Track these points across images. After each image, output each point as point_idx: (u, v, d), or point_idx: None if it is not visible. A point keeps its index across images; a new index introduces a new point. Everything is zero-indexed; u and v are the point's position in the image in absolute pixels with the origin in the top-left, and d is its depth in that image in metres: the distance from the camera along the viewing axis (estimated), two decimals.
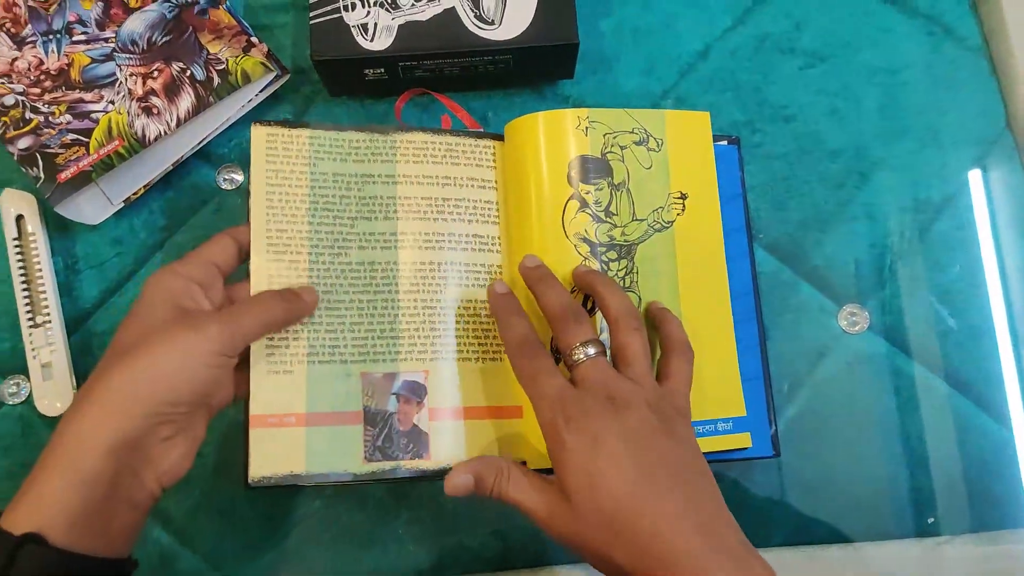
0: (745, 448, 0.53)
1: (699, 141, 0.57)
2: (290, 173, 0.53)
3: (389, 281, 0.53)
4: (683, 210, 0.55)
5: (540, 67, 0.60)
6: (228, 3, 0.61)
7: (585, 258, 0.52)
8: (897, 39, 0.65)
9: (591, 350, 0.47)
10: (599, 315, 0.52)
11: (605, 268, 0.53)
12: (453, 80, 0.61)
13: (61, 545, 0.40)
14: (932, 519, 0.57)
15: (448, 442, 0.51)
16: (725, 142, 0.58)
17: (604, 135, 0.54)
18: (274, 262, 0.52)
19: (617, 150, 0.55)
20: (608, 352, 0.49)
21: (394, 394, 0.52)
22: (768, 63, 0.64)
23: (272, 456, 0.50)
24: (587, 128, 0.54)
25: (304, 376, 0.51)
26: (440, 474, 0.50)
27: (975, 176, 0.62)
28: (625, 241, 0.54)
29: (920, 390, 0.59)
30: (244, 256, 0.51)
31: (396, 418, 0.51)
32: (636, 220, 0.54)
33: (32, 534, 0.39)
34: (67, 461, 0.41)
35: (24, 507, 0.40)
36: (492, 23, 0.57)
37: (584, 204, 0.53)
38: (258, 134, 0.53)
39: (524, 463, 0.51)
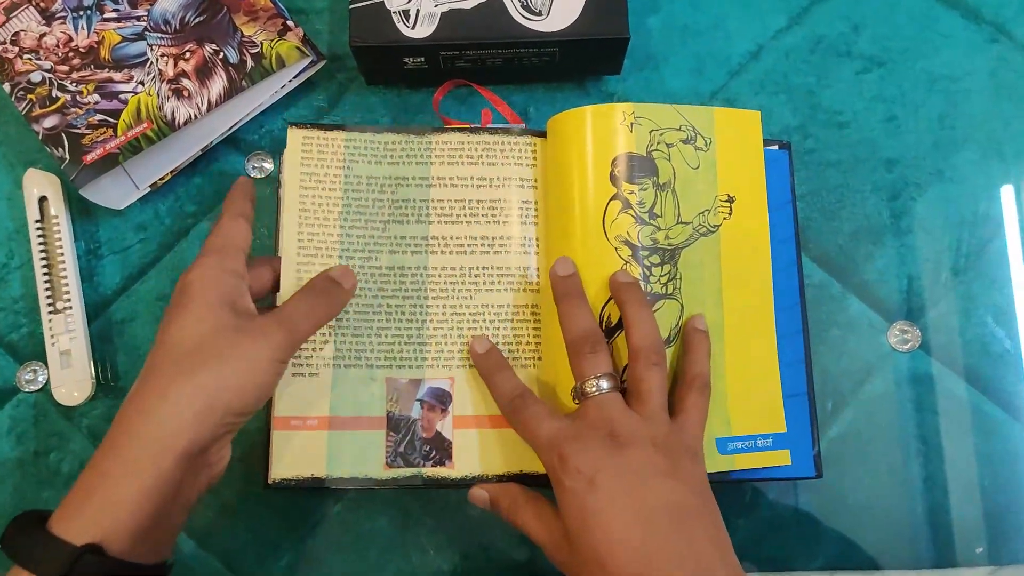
0: (785, 466, 0.51)
1: (749, 142, 0.54)
2: (324, 176, 0.52)
3: (418, 286, 0.51)
4: (730, 214, 0.53)
5: (587, 61, 0.58)
6: None
7: (626, 262, 0.50)
8: (959, 46, 0.62)
9: (604, 384, 0.45)
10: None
11: (647, 273, 0.50)
12: (494, 72, 0.58)
13: (119, 554, 0.39)
14: (980, 549, 0.54)
15: (471, 451, 0.50)
16: (776, 147, 0.56)
17: (650, 132, 0.52)
18: (304, 266, 0.51)
19: (663, 148, 0.52)
20: (622, 384, 0.47)
21: (419, 400, 0.50)
22: (823, 66, 0.62)
23: (293, 458, 0.49)
24: (632, 124, 0.52)
25: (329, 379, 0.50)
26: (462, 483, 0.49)
27: None
28: (669, 245, 0.51)
29: (971, 414, 0.56)
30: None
31: (419, 424, 0.50)
32: (681, 223, 0.52)
33: (93, 545, 0.38)
34: (139, 468, 0.40)
35: (88, 514, 0.39)
36: (540, 14, 0.54)
37: (627, 205, 0.51)
38: (293, 137, 0.52)
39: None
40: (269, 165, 0.60)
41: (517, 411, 0.47)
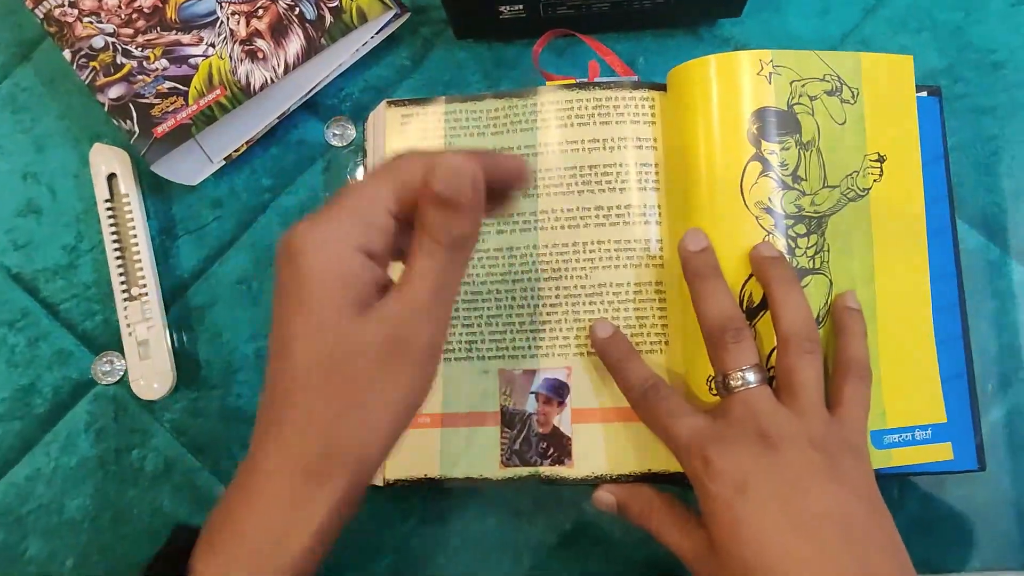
0: (946, 460, 0.45)
1: (900, 92, 0.47)
2: None
3: (529, 268, 0.46)
4: (880, 175, 0.46)
5: (706, 1, 0.51)
6: None
7: (768, 232, 0.44)
8: None
9: (751, 377, 0.40)
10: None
11: (792, 245, 0.44)
12: (598, 19, 0.52)
13: None
14: None
15: (593, 447, 0.45)
16: (925, 93, 0.49)
17: (791, 83, 0.46)
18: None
19: (806, 101, 0.46)
20: (771, 376, 0.42)
21: (533, 393, 0.45)
22: None
23: (406, 457, 0.45)
24: (771, 74, 0.45)
25: (440, 374, 0.44)
26: (583, 483, 0.44)
27: None
28: (816, 212, 0.45)
29: None
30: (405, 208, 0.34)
31: (535, 419, 0.45)
32: (827, 187, 0.45)
33: None
34: (303, 517, 0.33)
35: (239, 558, 0.33)
36: None
37: (768, 166, 0.44)
38: (392, 116, 0.47)
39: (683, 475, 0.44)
40: (352, 131, 0.54)
41: (650, 405, 0.41)
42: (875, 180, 0.46)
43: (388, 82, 0.55)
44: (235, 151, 0.52)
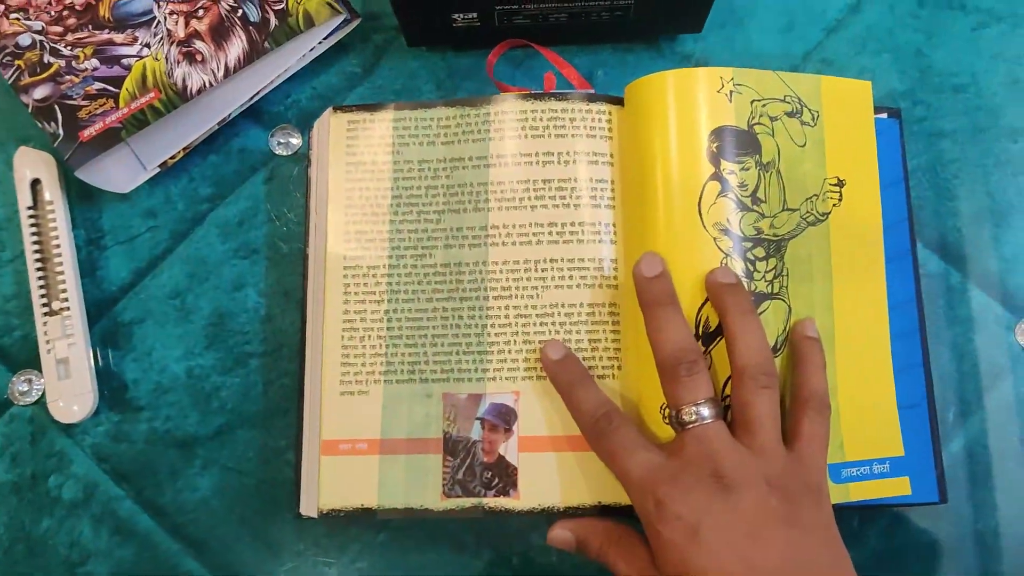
0: (904, 495, 0.44)
1: (859, 116, 0.47)
2: (372, 165, 0.45)
3: (477, 285, 0.43)
4: (840, 200, 0.45)
5: (665, 16, 0.49)
6: None
7: (726, 255, 0.42)
8: None
9: (705, 411, 0.38)
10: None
11: (751, 269, 0.42)
12: (555, 31, 0.50)
13: None
14: None
15: (540, 478, 0.42)
16: (885, 114, 0.48)
17: (752, 102, 0.44)
18: (352, 270, 0.45)
19: (767, 121, 0.44)
20: (727, 406, 0.40)
21: (479, 419, 0.42)
22: (934, 21, 0.53)
23: (341, 486, 0.43)
24: (731, 93, 0.44)
25: (379, 397, 0.42)
26: (529, 515, 0.42)
27: None
28: (775, 235, 0.43)
29: None
30: None
31: (480, 447, 0.42)
32: (787, 210, 0.44)
33: None
34: None
35: None
36: None
37: (727, 186, 0.43)
38: (337, 124, 0.45)
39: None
40: (296, 140, 0.52)
41: (602, 435, 0.39)
42: (834, 205, 0.45)
43: (337, 90, 0.53)
44: (171, 158, 0.49)
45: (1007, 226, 0.50)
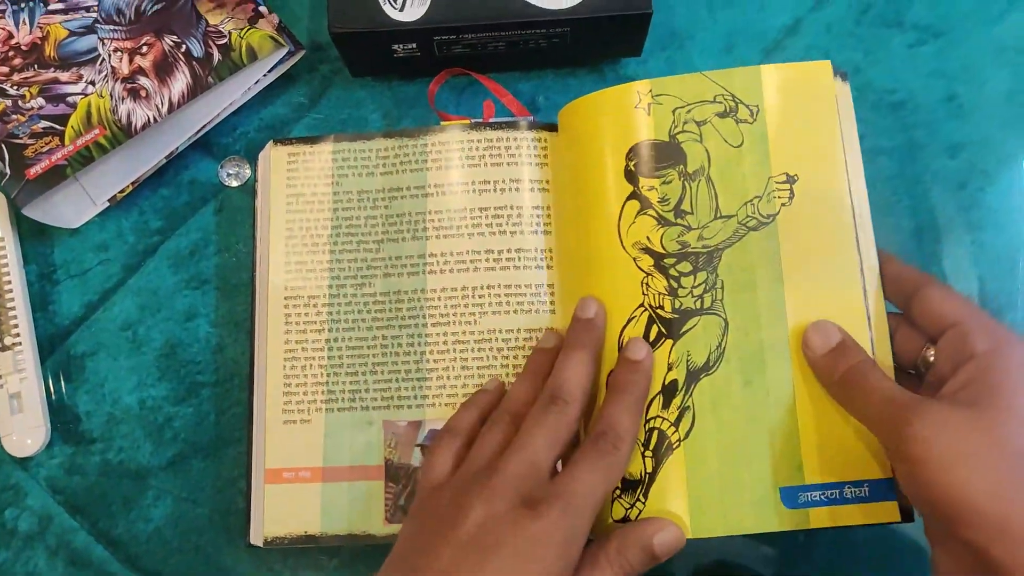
0: (892, 522, 0.40)
1: (816, 102, 0.43)
2: (312, 197, 0.46)
3: (416, 313, 0.44)
4: (791, 197, 0.42)
5: (603, 43, 0.50)
6: None
7: (647, 274, 0.42)
8: None
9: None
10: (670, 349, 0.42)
11: (675, 286, 0.42)
12: (497, 58, 0.51)
13: None
14: None
15: None
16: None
17: (674, 110, 0.43)
18: (292, 300, 0.45)
19: (693, 128, 0.43)
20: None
21: (419, 445, 0.43)
22: (872, 39, 0.54)
23: (285, 514, 0.43)
24: (650, 105, 0.43)
25: (322, 425, 0.43)
26: None
27: None
28: (704, 248, 0.42)
29: None
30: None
31: (420, 473, 0.43)
32: (720, 218, 0.42)
33: None
34: None
35: None
36: None
37: (646, 203, 0.42)
38: (277, 156, 0.46)
39: None
40: (246, 171, 0.53)
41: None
42: (783, 204, 0.42)
43: (285, 120, 0.54)
44: (120, 192, 0.50)
45: (947, 241, 0.51)
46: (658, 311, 0.42)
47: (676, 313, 0.42)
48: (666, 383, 0.41)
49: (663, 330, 0.42)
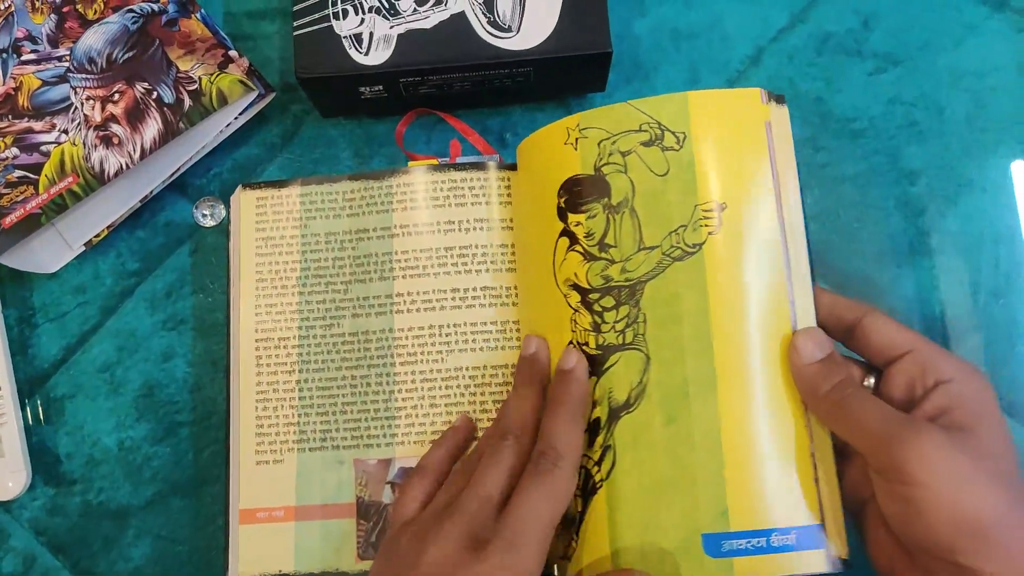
0: (816, 572, 0.38)
1: (746, 129, 0.41)
2: (280, 239, 0.47)
3: (384, 352, 0.45)
4: (718, 225, 0.40)
5: (566, 80, 0.51)
6: (202, 11, 0.52)
7: (575, 310, 0.42)
8: (984, 36, 0.55)
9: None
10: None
11: (599, 322, 0.41)
12: (464, 96, 0.52)
13: None
14: None
15: None
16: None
17: (599, 143, 0.42)
18: (263, 343, 0.46)
19: (618, 159, 0.42)
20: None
21: (389, 483, 0.44)
22: (832, 68, 0.55)
23: (260, 553, 0.44)
24: (578, 140, 0.43)
25: (294, 465, 0.44)
26: None
27: None
28: (627, 280, 0.41)
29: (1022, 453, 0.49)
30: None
31: (391, 510, 0.44)
32: (643, 249, 0.41)
33: None
34: None
35: None
36: (509, 30, 0.48)
37: (574, 239, 0.42)
38: (247, 200, 0.47)
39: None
40: (221, 211, 0.54)
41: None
42: (710, 232, 0.40)
43: (258, 160, 0.55)
44: (96, 236, 0.51)
45: (909, 266, 0.52)
46: (584, 347, 0.42)
47: (599, 349, 0.41)
48: (590, 421, 0.41)
49: (589, 367, 0.41)
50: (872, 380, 0.40)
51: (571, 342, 0.42)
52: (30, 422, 0.51)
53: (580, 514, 0.41)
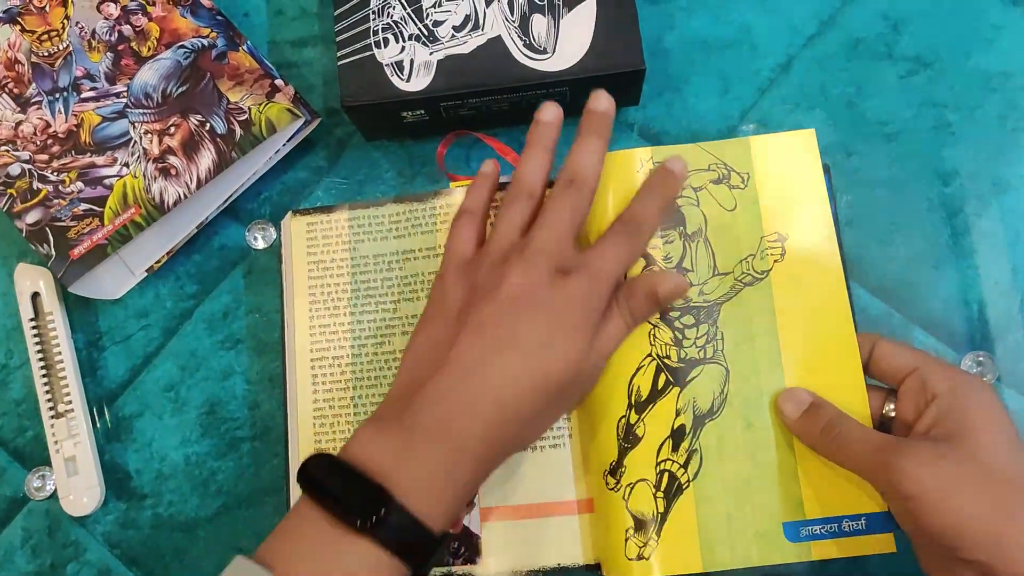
0: (887, 552, 0.43)
1: (803, 167, 0.48)
2: (331, 263, 0.50)
3: None
4: (782, 255, 0.46)
5: None
6: (248, 43, 0.54)
7: (654, 325, 0.45)
8: (1013, 36, 0.55)
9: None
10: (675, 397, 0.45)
11: (680, 337, 0.45)
12: (502, 115, 0.54)
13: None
14: None
15: (502, 546, 0.46)
16: None
17: None
18: (318, 361, 0.49)
19: (690, 193, 0.47)
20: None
21: None
22: (863, 73, 0.56)
23: None
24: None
25: None
26: None
27: None
28: (705, 302, 0.46)
29: None
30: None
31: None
32: (718, 275, 0.46)
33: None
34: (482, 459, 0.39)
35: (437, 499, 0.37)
36: (544, 52, 0.50)
37: (651, 260, 0.46)
38: (297, 226, 0.49)
39: (598, 565, 0.45)
40: (272, 233, 0.56)
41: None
42: (776, 260, 0.46)
43: (305, 183, 0.57)
44: (157, 262, 0.54)
45: (945, 267, 0.52)
46: (665, 360, 0.45)
47: (682, 362, 0.45)
48: (674, 428, 0.44)
49: (670, 378, 0.45)
50: (892, 405, 0.44)
51: (650, 355, 0.45)
52: (101, 440, 0.54)
53: (662, 514, 0.44)
